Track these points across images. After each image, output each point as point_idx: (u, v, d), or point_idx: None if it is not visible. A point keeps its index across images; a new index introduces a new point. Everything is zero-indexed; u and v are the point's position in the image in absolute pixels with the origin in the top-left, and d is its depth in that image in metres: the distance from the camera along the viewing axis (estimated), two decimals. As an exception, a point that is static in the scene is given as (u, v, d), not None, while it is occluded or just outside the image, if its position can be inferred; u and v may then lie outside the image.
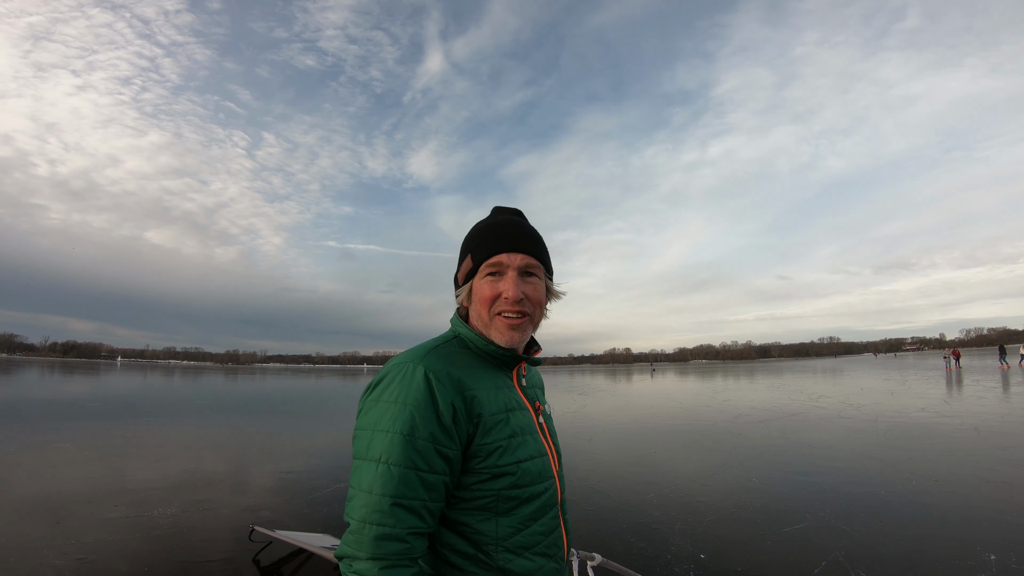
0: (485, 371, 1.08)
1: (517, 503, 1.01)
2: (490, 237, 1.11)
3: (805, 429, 9.71)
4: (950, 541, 3.91)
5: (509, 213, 1.20)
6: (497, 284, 1.08)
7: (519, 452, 1.02)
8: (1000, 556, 3.60)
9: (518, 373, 1.18)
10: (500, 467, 0.99)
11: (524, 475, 1.01)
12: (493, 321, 1.08)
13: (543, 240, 1.18)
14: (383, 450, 0.91)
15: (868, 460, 6.79)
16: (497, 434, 1.00)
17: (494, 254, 1.08)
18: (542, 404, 1.22)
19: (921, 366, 40.24)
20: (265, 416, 13.68)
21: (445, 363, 1.01)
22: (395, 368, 0.99)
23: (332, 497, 5.47)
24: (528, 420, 1.10)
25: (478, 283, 1.10)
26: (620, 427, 10.96)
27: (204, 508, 5.04)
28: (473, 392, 1.00)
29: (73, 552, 3.89)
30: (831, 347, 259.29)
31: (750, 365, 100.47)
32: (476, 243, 1.12)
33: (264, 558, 3.89)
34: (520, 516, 1.01)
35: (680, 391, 22.99)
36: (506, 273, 1.08)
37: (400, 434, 0.91)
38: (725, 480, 5.99)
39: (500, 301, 1.07)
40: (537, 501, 1.04)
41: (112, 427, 10.51)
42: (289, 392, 25.18)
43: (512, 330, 1.07)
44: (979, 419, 10.07)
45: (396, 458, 0.90)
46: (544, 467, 1.07)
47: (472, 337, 1.10)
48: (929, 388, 18.05)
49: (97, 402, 16.22)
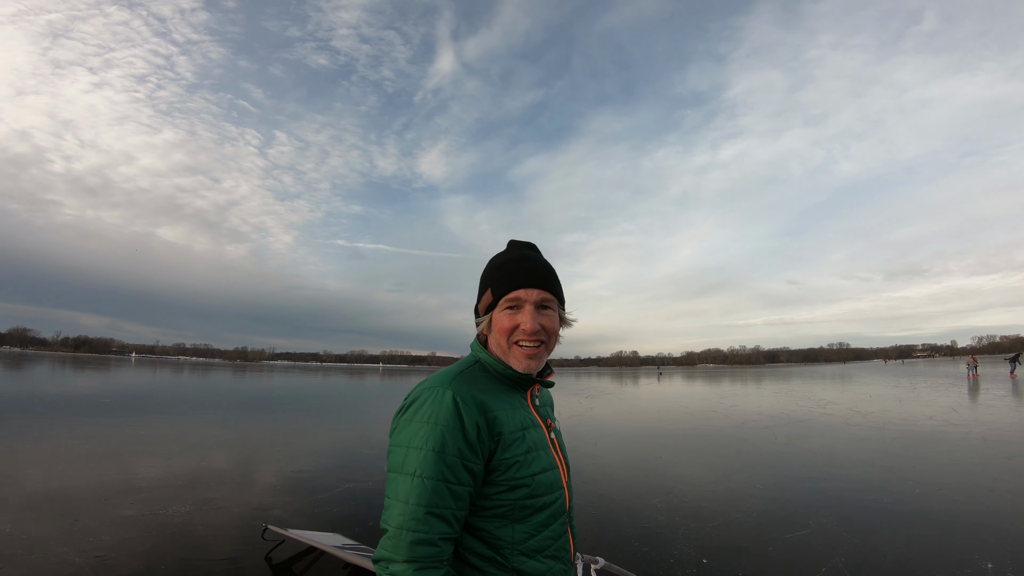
0: (504, 393, 1.22)
1: (531, 511, 1.15)
2: (508, 273, 1.24)
3: (811, 436, 9.71)
4: (949, 549, 3.95)
5: (524, 248, 1.33)
6: (515, 316, 1.21)
7: (534, 466, 1.17)
8: (997, 564, 3.63)
9: (532, 394, 1.32)
10: (517, 479, 1.13)
11: (538, 486, 1.16)
12: (511, 350, 1.22)
13: (556, 274, 1.32)
14: (417, 465, 1.05)
15: (873, 468, 6.80)
16: (515, 450, 1.15)
17: (512, 289, 1.22)
18: (553, 421, 1.37)
19: (931, 373, 39.85)
20: (274, 414, 13.82)
21: (470, 387, 1.15)
22: (426, 392, 1.13)
23: (341, 497, 5.57)
24: (541, 436, 1.25)
25: (497, 315, 1.24)
26: (626, 431, 11.00)
27: (216, 506, 5.16)
28: (494, 413, 1.14)
29: (92, 550, 4.00)
30: (841, 353, 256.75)
31: (758, 370, 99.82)
32: (495, 278, 1.26)
33: (276, 556, 3.98)
34: (533, 523, 1.15)
35: (687, 395, 22.94)
36: (523, 307, 1.22)
37: (432, 451, 1.05)
38: (730, 486, 6.03)
39: (518, 332, 1.21)
40: (549, 510, 1.18)
41: (123, 423, 10.68)
42: (297, 390, 25.36)
43: (529, 359, 1.21)
44: (987, 428, 10.02)
45: (429, 472, 1.04)
46: (555, 479, 1.21)
47: (491, 362, 1.24)
48: (938, 396, 17.92)
49: (108, 398, 16.46)
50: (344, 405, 17.96)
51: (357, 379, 43.81)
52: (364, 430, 11.30)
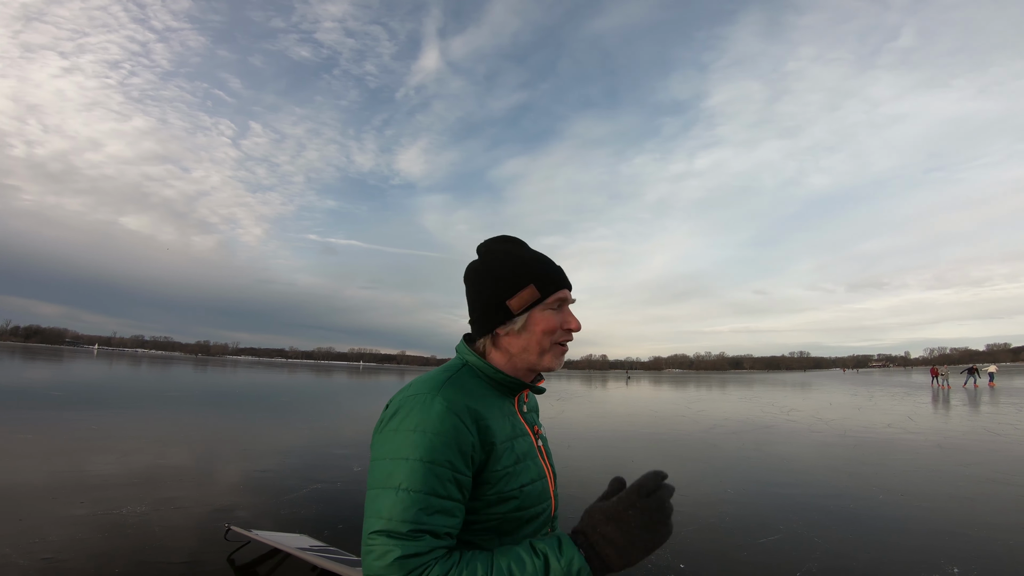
0: (494, 399, 1.11)
1: (519, 524, 1.06)
2: (552, 270, 1.17)
3: (777, 442, 9.92)
4: (916, 553, 4.03)
5: (523, 247, 1.25)
6: (558, 316, 1.14)
7: (523, 477, 1.07)
8: (962, 568, 3.72)
9: (519, 399, 1.22)
10: (507, 492, 1.04)
11: (527, 498, 1.06)
12: (552, 349, 1.14)
13: None
14: (405, 478, 0.93)
15: (838, 474, 6.96)
16: (505, 461, 1.05)
17: (561, 288, 1.16)
18: (540, 427, 1.27)
19: (887, 383, 41.41)
20: (238, 411, 13.40)
21: (460, 393, 1.03)
22: (412, 399, 1.01)
23: (309, 498, 5.39)
24: (529, 445, 1.15)
25: (542, 313, 1.13)
26: (598, 434, 11.05)
27: (175, 506, 4.91)
28: (486, 421, 1.03)
29: (38, 552, 3.75)
30: (801, 361, 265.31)
31: (723, 376, 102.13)
32: (539, 273, 1.14)
33: (239, 558, 3.80)
34: (519, 536, 1.06)
35: (655, 400, 23.25)
36: (565, 306, 1.17)
37: (421, 461, 0.94)
38: (702, 490, 6.07)
39: (560, 332, 1.14)
40: (537, 521, 1.10)
41: (76, 418, 10.16)
42: (263, 386, 24.70)
43: (563, 357, 1.17)
44: (942, 436, 10.41)
45: (417, 485, 0.92)
46: (543, 489, 1.13)
47: (481, 365, 1.13)
48: (894, 404, 18.60)
49: (59, 390, 15.69)
50: (312, 403, 17.55)
51: (325, 376, 42.99)
52: (333, 429, 11.03)
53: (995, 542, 4.27)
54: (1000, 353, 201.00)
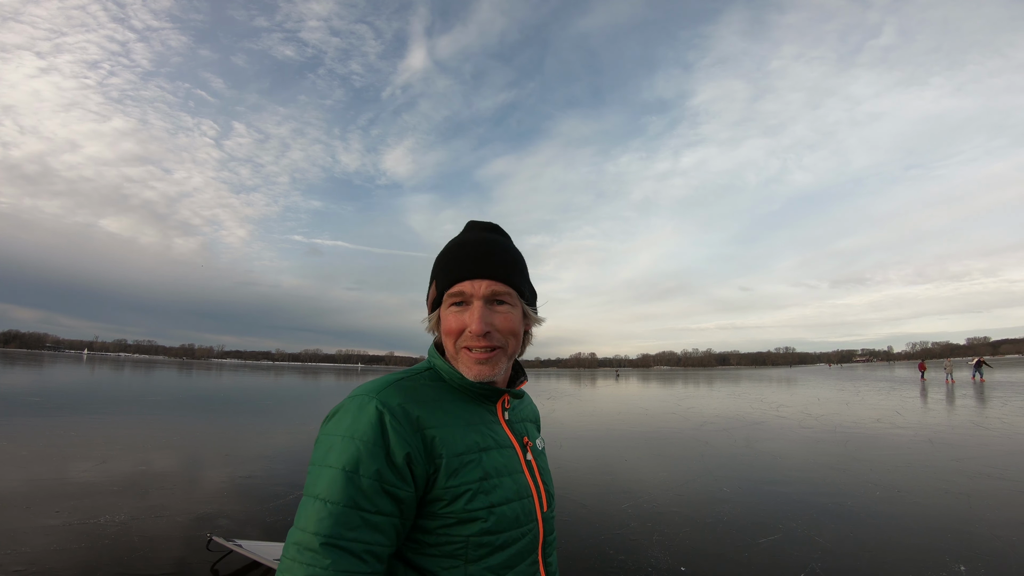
0: (457, 406, 0.97)
1: (489, 550, 0.91)
2: (454, 261, 1.00)
3: (768, 438, 9.91)
4: (919, 551, 3.99)
5: (483, 230, 1.08)
6: (462, 316, 0.97)
7: (493, 496, 0.92)
8: (969, 567, 3.68)
9: (502, 407, 1.06)
10: (469, 512, 0.89)
11: (499, 521, 0.91)
12: (460, 355, 0.98)
13: (519, 261, 1.06)
14: (325, 486, 0.82)
15: (831, 471, 6.94)
16: (465, 476, 0.90)
17: (456, 282, 0.98)
18: (532, 439, 1.10)
19: (871, 377, 41.97)
20: (222, 415, 13.13)
21: (405, 397, 0.91)
22: (350, 400, 0.91)
23: (295, 504, 5.23)
24: (510, 459, 0.99)
25: (443, 314, 1.00)
26: (590, 433, 10.96)
27: (156, 515, 4.73)
28: (433, 431, 0.90)
29: (10, 564, 3.56)
30: (787, 357, 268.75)
31: (710, 372, 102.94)
32: (440, 267, 1.02)
33: (223, 567, 3.65)
34: (491, 564, 0.91)
35: (645, 397, 23.28)
36: (471, 303, 0.98)
37: (343, 470, 0.82)
38: (697, 489, 6.00)
39: (466, 335, 0.97)
40: (513, 547, 0.94)
41: (53, 423, 9.87)
42: (248, 390, 24.34)
43: (479, 364, 0.97)
44: (932, 431, 10.49)
45: (336, 496, 0.80)
46: (524, 511, 0.97)
47: (446, 369, 1.00)
48: (881, 399, 18.78)
49: (37, 396, 15.28)
50: (298, 406, 17.30)
51: (312, 379, 42.54)
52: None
53: (998, 539, 4.24)
54: (980, 347, 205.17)
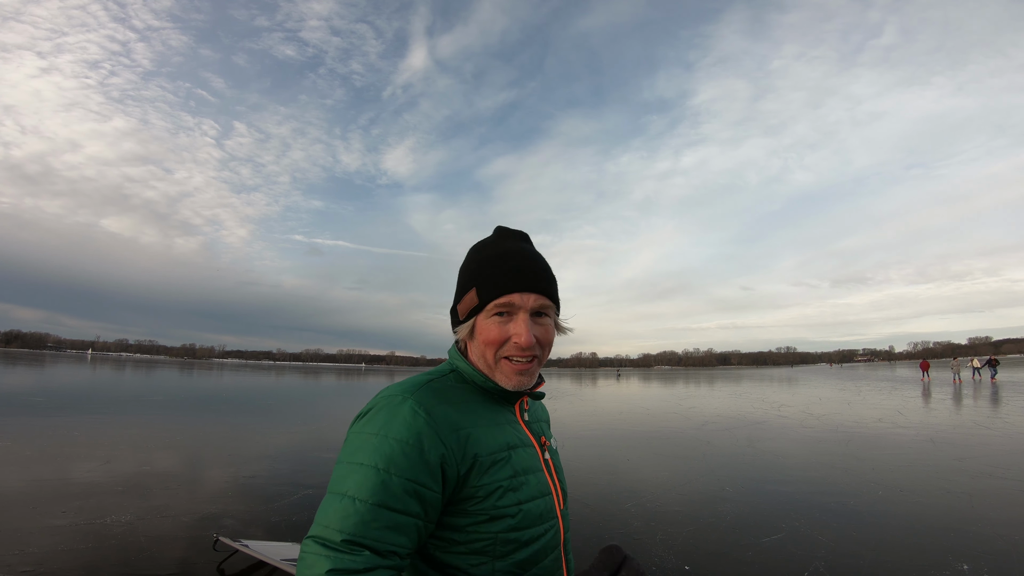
0: (484, 407, 1.01)
1: (516, 546, 0.94)
2: (500, 271, 1.01)
3: (770, 438, 9.92)
4: (921, 551, 4.00)
5: (517, 239, 1.09)
6: (506, 326, 0.99)
7: (521, 493, 0.96)
8: (973, 566, 3.69)
9: (520, 407, 1.10)
10: (499, 509, 0.93)
11: (525, 517, 0.95)
12: (499, 364, 1.00)
13: (554, 274, 1.09)
14: (356, 483, 0.84)
15: (833, 470, 6.94)
16: (496, 474, 0.94)
17: (505, 293, 0.99)
18: (548, 439, 1.14)
19: (872, 377, 41.95)
20: (225, 415, 13.16)
21: (438, 399, 0.94)
22: (383, 400, 0.93)
23: (299, 504, 5.24)
24: (532, 457, 1.03)
25: (484, 322, 1.01)
26: (592, 433, 10.98)
27: (161, 515, 4.75)
28: (468, 431, 0.93)
29: (17, 564, 3.58)
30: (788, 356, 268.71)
31: (711, 372, 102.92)
32: (483, 276, 1.02)
33: (230, 567, 3.67)
34: (518, 560, 0.94)
35: (646, 397, 23.30)
36: (517, 315, 0.99)
37: (375, 468, 0.85)
38: (699, 489, 6.02)
39: (509, 345, 0.99)
40: (538, 543, 0.97)
41: (57, 424, 9.90)
42: (250, 389, 24.36)
43: (520, 375, 1.00)
44: (933, 430, 10.48)
45: (366, 494, 0.83)
46: (547, 507, 1.01)
47: (471, 372, 1.03)
48: (882, 399, 18.78)
49: (41, 396, 15.31)
50: (301, 406, 17.33)
51: (313, 379, 42.59)
52: (323, 433, 10.83)
53: (1000, 538, 4.24)
54: (981, 346, 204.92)
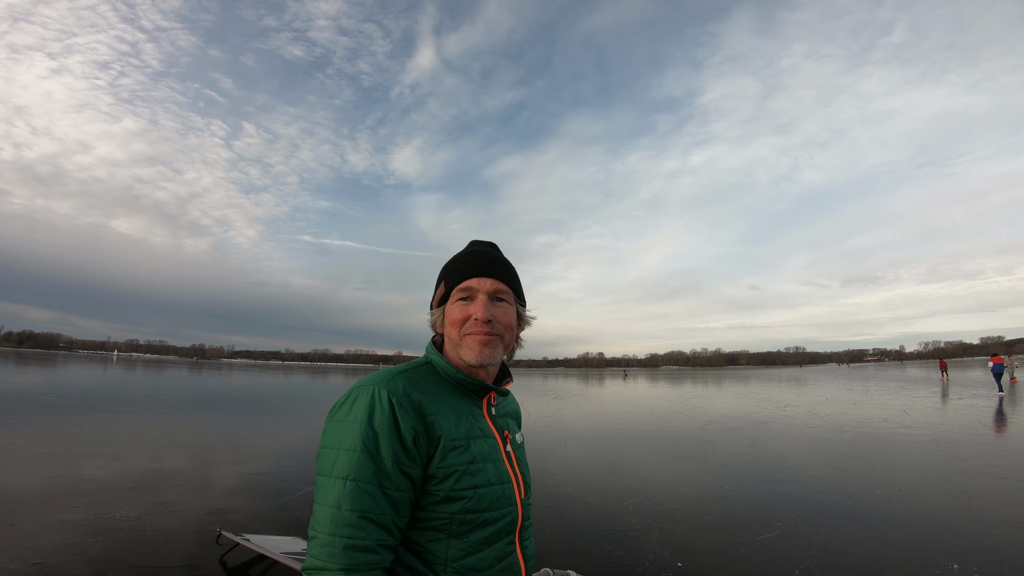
0: (453, 398, 1.14)
1: (471, 527, 1.07)
2: (462, 264, 1.21)
3: (774, 437, 9.93)
4: (914, 549, 4.03)
5: (484, 245, 1.30)
6: (468, 307, 1.16)
7: (477, 478, 1.08)
8: (962, 565, 3.72)
9: (488, 403, 1.23)
10: (456, 491, 1.05)
11: (479, 500, 1.07)
12: (464, 340, 1.15)
13: (515, 270, 1.28)
14: (349, 468, 0.97)
15: (834, 469, 6.96)
16: (455, 459, 1.06)
17: (464, 279, 1.17)
18: (512, 433, 1.27)
19: (881, 377, 41.61)
20: (232, 414, 13.32)
21: (409, 387, 1.07)
22: (360, 389, 1.05)
23: (304, 500, 5.35)
24: (492, 448, 1.16)
25: (450, 307, 1.19)
26: (595, 432, 11.02)
27: (169, 510, 4.87)
28: (433, 416, 1.06)
29: (29, 557, 3.70)
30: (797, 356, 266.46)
31: (719, 372, 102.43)
32: (449, 270, 1.23)
33: (231, 559, 3.77)
34: (473, 540, 1.07)
35: (652, 397, 23.28)
36: (476, 297, 1.17)
37: (365, 452, 0.97)
38: (699, 487, 6.06)
39: (470, 323, 1.15)
40: (492, 527, 1.10)
41: (69, 422, 10.09)
42: (258, 389, 24.59)
43: (483, 346, 1.14)
44: (937, 430, 10.44)
45: (362, 475, 0.96)
46: (503, 494, 1.13)
47: (442, 364, 1.17)
48: (889, 399, 18.66)
49: (53, 395, 15.57)
50: (307, 405, 17.48)
51: (321, 378, 42.86)
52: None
53: (993, 537, 4.27)
54: (994, 346, 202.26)
